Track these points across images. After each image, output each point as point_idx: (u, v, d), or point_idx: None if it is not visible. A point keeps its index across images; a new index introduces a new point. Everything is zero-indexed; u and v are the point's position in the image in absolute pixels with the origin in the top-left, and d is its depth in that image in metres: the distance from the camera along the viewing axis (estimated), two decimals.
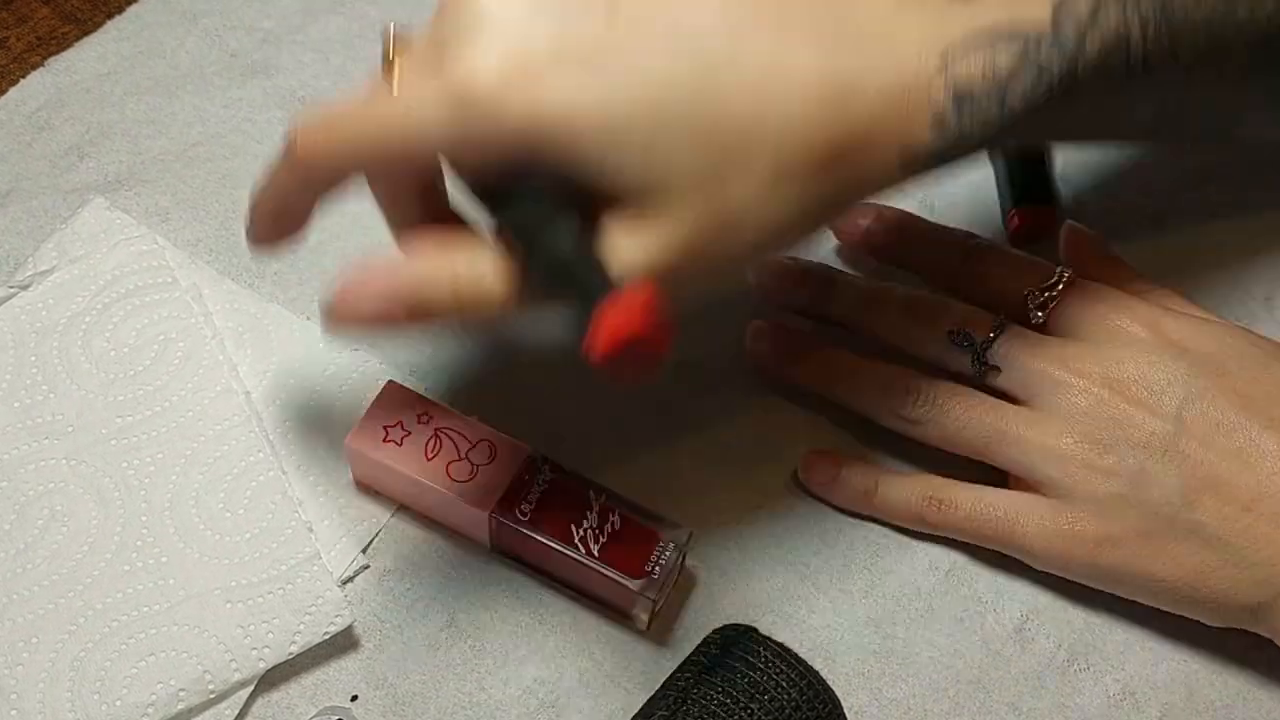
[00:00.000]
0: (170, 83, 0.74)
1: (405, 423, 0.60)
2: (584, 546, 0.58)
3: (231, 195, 0.71)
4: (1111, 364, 0.60)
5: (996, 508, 0.61)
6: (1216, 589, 0.57)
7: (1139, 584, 0.59)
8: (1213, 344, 0.60)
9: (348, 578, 0.61)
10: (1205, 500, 0.57)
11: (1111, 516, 0.58)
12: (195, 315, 0.66)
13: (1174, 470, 0.58)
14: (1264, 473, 0.57)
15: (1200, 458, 0.58)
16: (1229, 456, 0.57)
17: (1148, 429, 0.58)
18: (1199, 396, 0.58)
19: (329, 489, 0.63)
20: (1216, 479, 0.57)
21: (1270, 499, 0.57)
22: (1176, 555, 0.58)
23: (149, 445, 0.62)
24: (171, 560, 0.59)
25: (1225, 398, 0.58)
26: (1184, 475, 0.58)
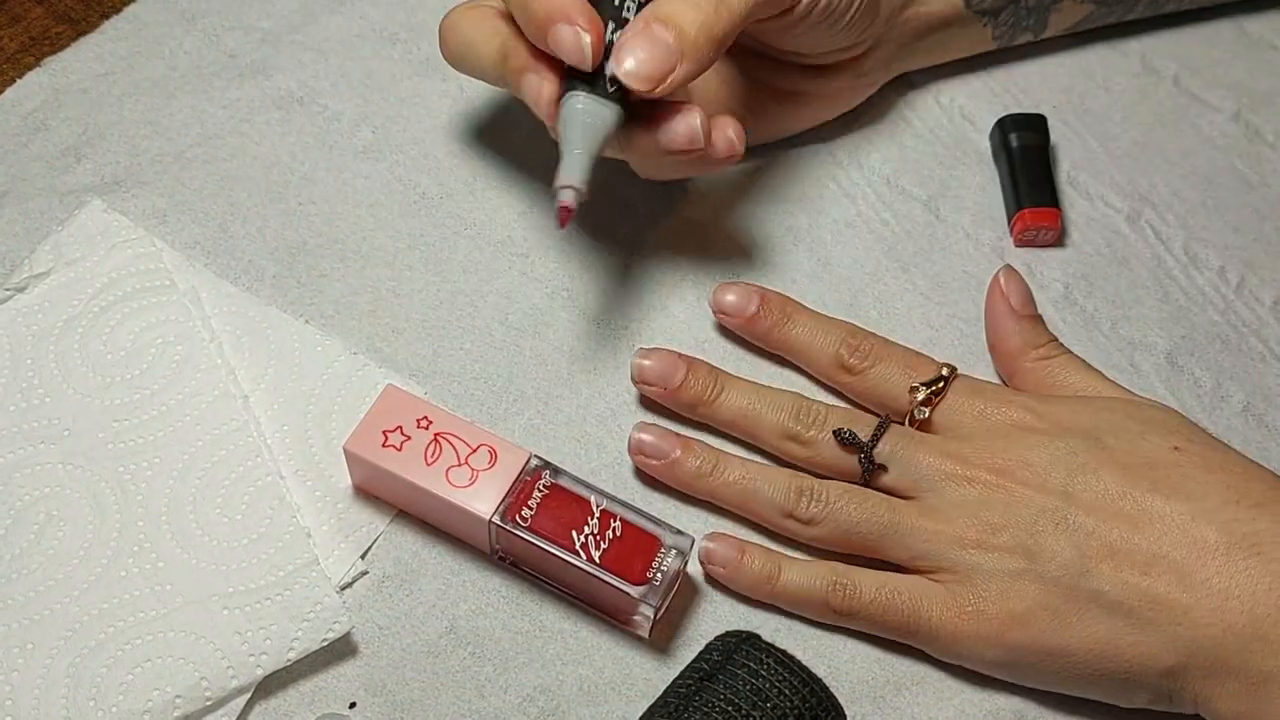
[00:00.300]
0: (168, 83, 0.74)
1: (404, 427, 0.60)
2: (585, 553, 0.58)
3: (229, 197, 0.71)
4: (996, 453, 0.61)
5: (901, 593, 0.61)
6: (1129, 657, 0.57)
7: (1052, 663, 0.59)
8: (1089, 421, 0.62)
9: (346, 584, 0.61)
10: (1103, 568, 0.58)
11: (1013, 594, 0.59)
12: (193, 319, 0.66)
13: (1067, 541, 0.59)
14: (1154, 536, 0.58)
15: (1091, 527, 0.59)
16: (1119, 522, 0.58)
17: (1037, 505, 0.60)
18: (1081, 470, 0.60)
19: (327, 494, 0.63)
20: (1111, 546, 0.58)
21: (1164, 560, 0.57)
22: (1083, 626, 0.58)
23: (146, 450, 0.62)
24: (168, 566, 0.59)
25: (1107, 470, 0.60)
26: (1078, 545, 0.58)
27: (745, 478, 0.63)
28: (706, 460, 0.63)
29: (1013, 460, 0.61)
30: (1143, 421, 0.62)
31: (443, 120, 0.75)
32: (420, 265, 0.70)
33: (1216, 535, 0.57)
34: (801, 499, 0.62)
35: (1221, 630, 0.56)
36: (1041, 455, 0.61)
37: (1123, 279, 0.72)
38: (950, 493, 0.61)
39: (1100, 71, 0.79)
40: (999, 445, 0.62)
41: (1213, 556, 0.57)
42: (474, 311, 0.69)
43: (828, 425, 0.63)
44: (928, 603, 0.60)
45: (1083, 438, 0.61)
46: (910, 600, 0.60)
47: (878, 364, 0.65)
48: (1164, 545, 0.58)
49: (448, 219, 0.71)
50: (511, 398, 0.67)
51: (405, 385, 0.65)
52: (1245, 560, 0.56)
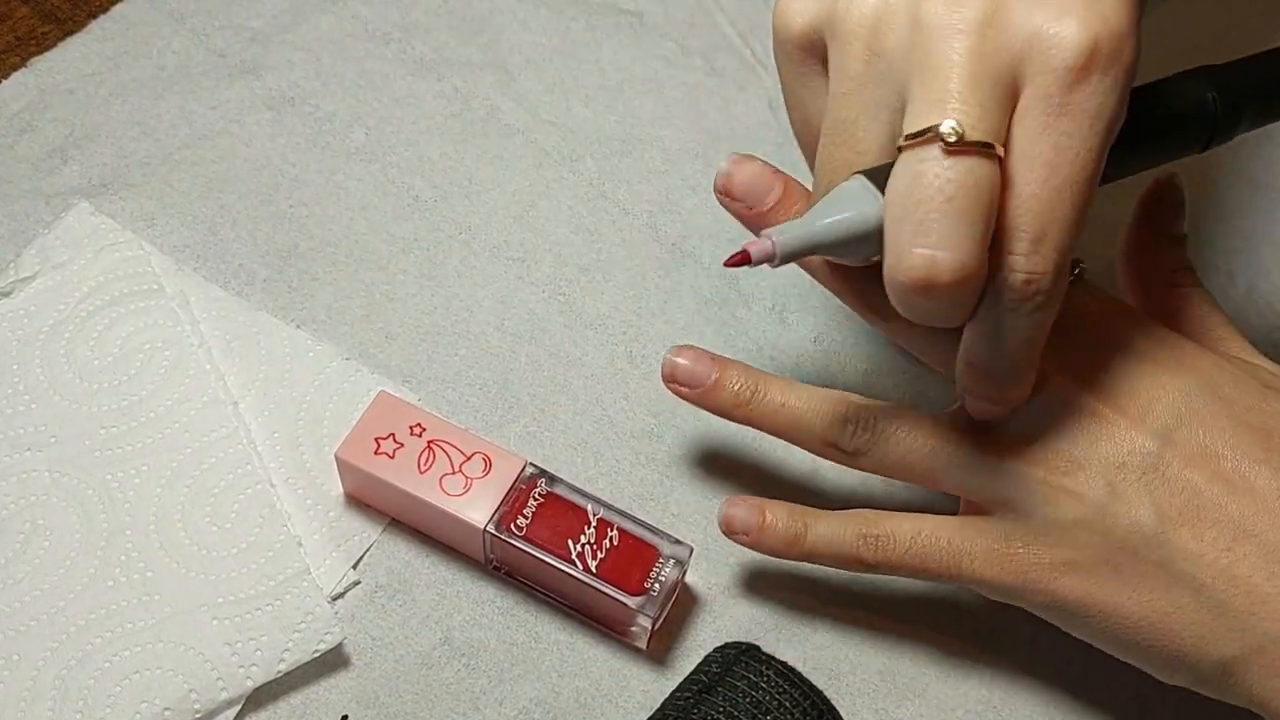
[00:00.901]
0: (156, 84, 0.74)
1: (398, 435, 0.61)
2: (581, 562, 0.59)
3: (219, 199, 0.71)
4: (1096, 365, 0.55)
5: (939, 538, 0.57)
6: (1186, 635, 0.53)
7: (1101, 621, 0.54)
8: (1211, 367, 0.56)
9: (338, 594, 0.61)
10: (1181, 533, 0.53)
11: (1071, 542, 0.54)
12: (182, 323, 0.66)
13: (1148, 495, 0.53)
14: (1249, 508, 0.52)
15: (1183, 483, 0.53)
16: (1215, 485, 0.53)
17: (1129, 444, 0.54)
18: (1191, 417, 0.54)
19: (319, 502, 0.63)
20: (1197, 509, 0.53)
21: (1254, 539, 0.52)
22: (1145, 592, 0.53)
23: (134, 457, 0.62)
24: (157, 575, 0.60)
25: (1219, 423, 0.54)
26: (1159, 502, 0.53)
27: (787, 405, 0.59)
28: (746, 385, 0.59)
29: (1114, 381, 0.55)
30: (1267, 384, 0.56)
31: (437, 121, 0.75)
32: (414, 269, 0.70)
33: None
34: (847, 427, 0.57)
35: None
36: (1150, 386, 0.55)
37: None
38: (1029, 406, 0.55)
39: None
40: (1103, 358, 0.55)
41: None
42: (469, 317, 0.69)
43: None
44: (971, 547, 0.56)
45: (1202, 382, 0.55)
46: (950, 547, 0.56)
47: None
48: (1257, 522, 0.52)
49: (442, 222, 0.72)
50: (507, 404, 0.67)
51: (398, 392, 0.66)
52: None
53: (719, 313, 0.70)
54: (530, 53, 0.79)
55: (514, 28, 0.80)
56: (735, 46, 0.80)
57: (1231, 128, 0.55)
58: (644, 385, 0.68)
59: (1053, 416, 0.55)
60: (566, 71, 0.79)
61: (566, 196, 0.73)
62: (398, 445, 0.60)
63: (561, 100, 0.77)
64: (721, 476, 0.66)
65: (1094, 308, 0.57)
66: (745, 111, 0.77)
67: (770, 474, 0.66)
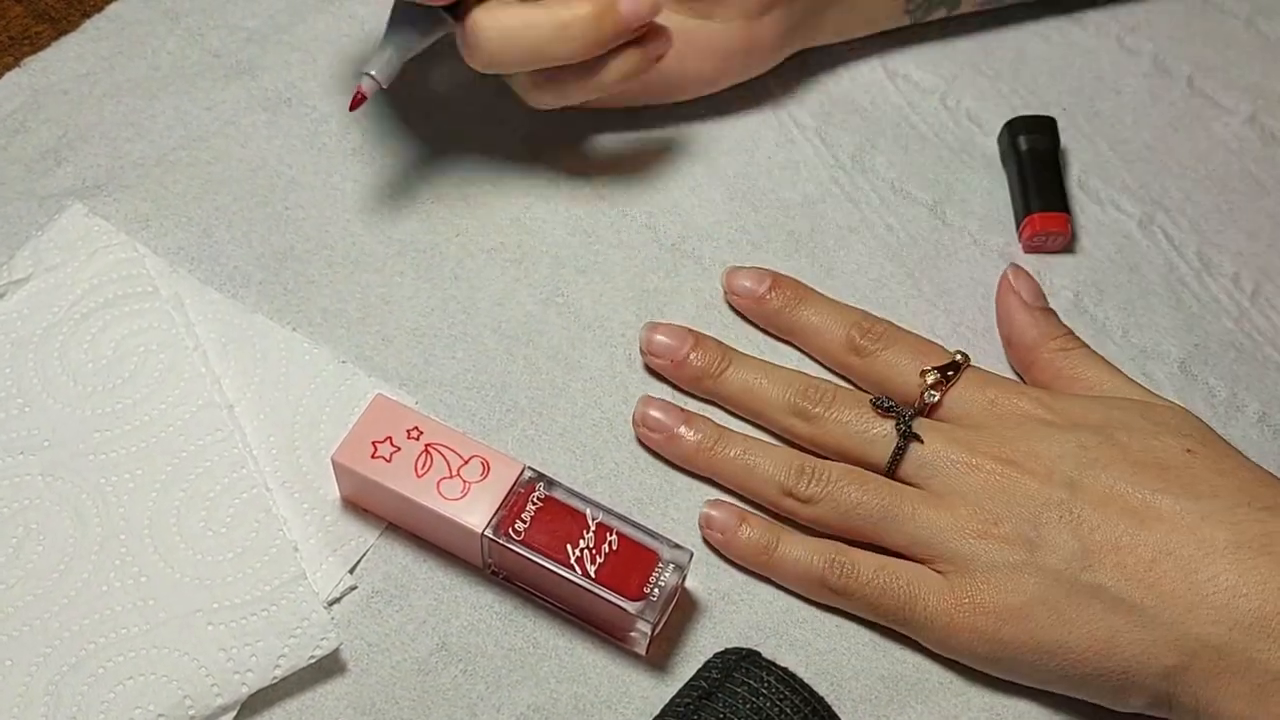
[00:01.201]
0: (151, 84, 0.74)
1: (394, 438, 0.61)
2: (580, 567, 0.59)
3: (214, 201, 0.71)
4: (1005, 442, 0.62)
5: (899, 577, 0.61)
6: (1128, 655, 0.57)
7: (1047, 660, 0.59)
8: (1101, 417, 0.62)
9: (334, 599, 0.62)
10: (1105, 562, 0.58)
11: (1011, 587, 0.59)
12: (176, 326, 0.66)
13: (1069, 534, 0.59)
14: (1161, 533, 0.58)
15: (1096, 522, 0.59)
16: (1126, 518, 0.59)
17: (1041, 497, 0.60)
18: (1091, 465, 0.60)
19: (315, 507, 0.63)
20: (1116, 541, 0.58)
21: (1171, 556, 0.57)
22: (1083, 622, 0.58)
23: (128, 461, 0.62)
24: (151, 580, 0.60)
25: (1117, 466, 0.60)
26: (1081, 539, 0.59)
27: (746, 453, 0.64)
28: (709, 435, 0.65)
29: (1021, 451, 0.61)
30: (1157, 422, 0.62)
31: (434, 123, 0.75)
32: (410, 272, 0.70)
33: (1226, 534, 0.57)
34: (802, 477, 0.63)
35: (1228, 628, 0.56)
36: (1051, 447, 0.61)
37: (1134, 286, 0.73)
38: (954, 480, 0.62)
39: (1111, 73, 0.79)
40: (1008, 435, 0.62)
41: (1221, 554, 0.57)
42: (466, 319, 0.69)
43: (835, 404, 0.64)
44: (925, 590, 0.61)
45: (1094, 432, 0.61)
46: (908, 586, 0.61)
47: (889, 348, 0.66)
48: (1171, 542, 0.58)
49: (439, 224, 0.72)
50: (505, 408, 0.67)
51: (395, 395, 0.66)
52: (1255, 558, 0.57)
53: (719, 315, 0.70)
54: None
55: None
56: None
57: None
58: (644, 388, 0.68)
59: (976, 489, 0.61)
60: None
61: (564, 198, 0.73)
62: (395, 449, 0.60)
63: None
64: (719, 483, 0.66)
65: (990, 393, 0.64)
66: (746, 111, 0.77)
67: None
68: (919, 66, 0.78)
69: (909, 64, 0.79)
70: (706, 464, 0.65)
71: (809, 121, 0.77)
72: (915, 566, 0.62)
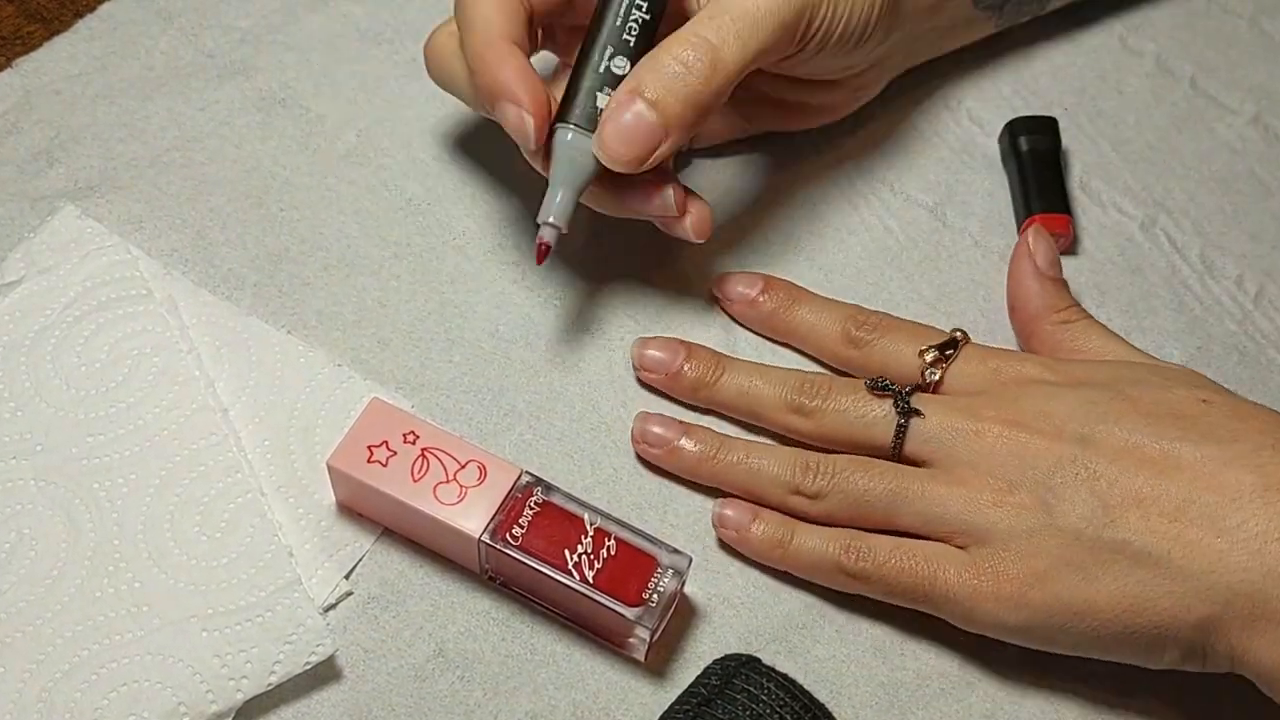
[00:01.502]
0: (144, 85, 0.75)
1: (390, 442, 0.61)
2: (578, 573, 0.59)
3: (208, 203, 0.71)
4: (1008, 405, 0.62)
5: (917, 556, 0.61)
6: (1160, 609, 0.56)
7: (1077, 623, 0.58)
8: (1108, 375, 0.62)
9: (330, 605, 0.62)
10: (1129, 516, 0.57)
11: (1033, 551, 0.58)
12: (170, 329, 0.66)
13: (1086, 491, 0.58)
14: (1184, 481, 0.57)
15: (1114, 476, 0.58)
16: (1145, 469, 0.58)
17: (1054, 455, 0.59)
18: (1102, 419, 0.59)
19: (310, 512, 0.63)
20: (1137, 494, 0.58)
21: (1196, 505, 0.57)
22: (1110, 579, 0.57)
23: (121, 465, 0.63)
24: (145, 586, 0.60)
25: (1130, 419, 0.59)
26: (1099, 494, 0.58)
27: (750, 457, 0.64)
28: (710, 444, 0.65)
29: (1027, 412, 0.61)
30: (1167, 377, 0.62)
31: (430, 123, 0.75)
32: (407, 274, 0.70)
33: (1252, 478, 0.56)
34: (808, 474, 0.63)
35: (1261, 574, 0.55)
36: (1058, 405, 0.61)
37: (1136, 288, 0.73)
38: (961, 451, 0.61)
39: (1113, 73, 0.79)
40: (1012, 397, 0.62)
41: (1249, 499, 0.56)
42: (463, 322, 0.69)
43: (831, 394, 0.64)
44: (945, 565, 0.60)
45: (1103, 389, 0.61)
46: (927, 563, 0.60)
47: (885, 335, 0.66)
48: (1195, 490, 0.57)
49: (435, 226, 0.72)
50: (502, 411, 0.67)
51: (391, 398, 0.66)
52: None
53: (718, 318, 0.70)
54: None
55: None
56: None
57: None
58: (642, 392, 0.68)
59: (984, 455, 0.61)
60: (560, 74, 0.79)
61: None
62: (391, 453, 0.61)
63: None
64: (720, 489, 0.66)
65: (992, 364, 0.65)
66: None
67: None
68: (919, 66, 0.78)
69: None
70: (710, 474, 0.65)
71: None
72: (933, 544, 0.61)
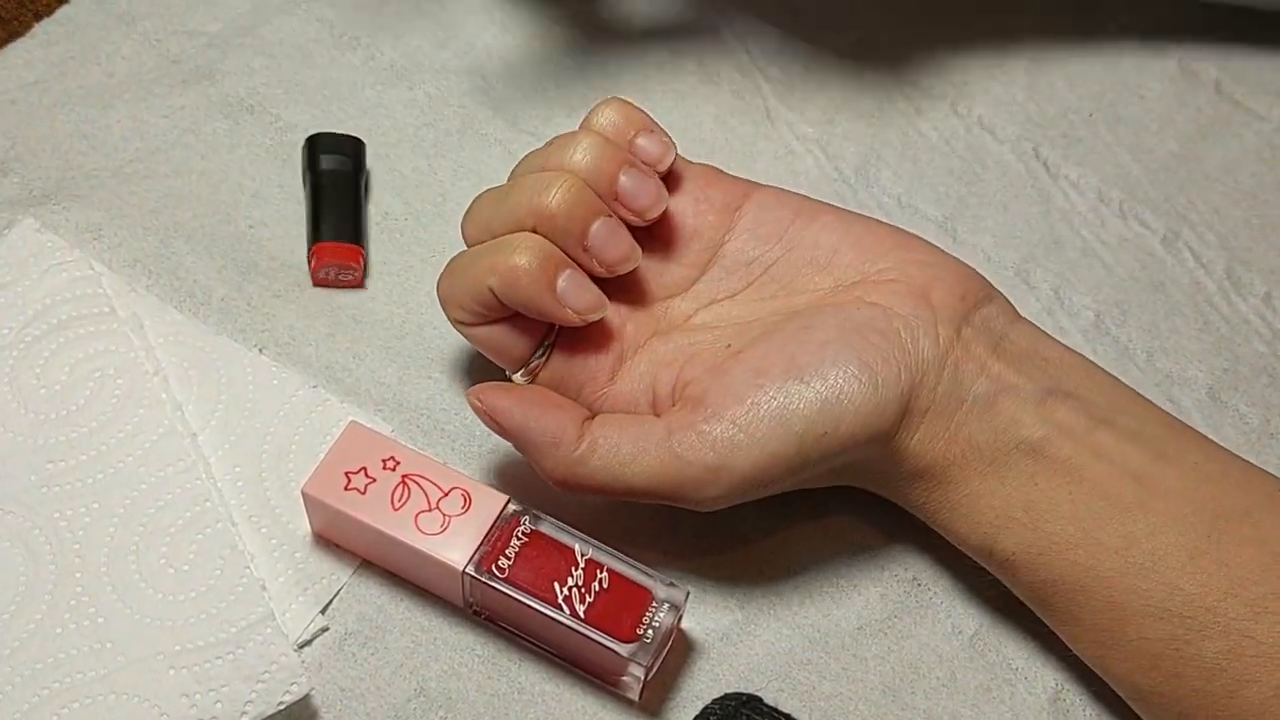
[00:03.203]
0: (105, 92, 0.75)
1: (369, 468, 0.61)
2: (569, 607, 0.59)
3: (173, 215, 0.72)
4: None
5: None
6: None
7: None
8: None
9: (305, 641, 0.62)
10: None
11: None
12: (135, 349, 0.67)
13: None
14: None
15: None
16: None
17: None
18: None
19: (284, 542, 0.64)
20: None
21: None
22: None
23: (83, 493, 0.63)
24: (109, 621, 0.60)
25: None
26: None
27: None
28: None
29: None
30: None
31: (409, 133, 0.76)
32: (384, 292, 0.71)
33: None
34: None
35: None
36: None
37: (1159, 306, 0.74)
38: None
39: (1134, 76, 0.80)
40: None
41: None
42: (443, 341, 0.70)
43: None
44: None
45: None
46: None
47: None
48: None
49: (414, 243, 0.73)
50: (487, 434, 0.67)
51: (370, 421, 0.66)
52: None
53: None
54: (509, 57, 0.80)
55: (492, 30, 0.81)
56: (731, 50, 0.81)
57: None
58: None
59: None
60: (549, 78, 0.80)
61: None
62: (369, 480, 0.61)
63: (542, 109, 0.79)
64: (720, 513, 0.65)
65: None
66: (742, 121, 0.78)
67: (773, 515, 0.66)
68: (926, 71, 0.79)
69: (915, 68, 0.80)
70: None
71: (809, 131, 0.78)
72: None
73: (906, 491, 0.63)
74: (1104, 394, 0.62)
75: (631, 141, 0.64)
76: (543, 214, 0.61)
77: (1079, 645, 0.61)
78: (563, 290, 0.61)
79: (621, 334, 0.64)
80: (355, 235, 0.71)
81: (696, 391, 0.61)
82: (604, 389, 0.64)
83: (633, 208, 0.63)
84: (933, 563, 0.66)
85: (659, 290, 0.66)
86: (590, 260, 0.62)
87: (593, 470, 0.60)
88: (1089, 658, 0.61)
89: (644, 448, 0.60)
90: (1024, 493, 0.60)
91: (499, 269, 0.60)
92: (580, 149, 0.62)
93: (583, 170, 0.62)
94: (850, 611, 0.65)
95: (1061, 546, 0.59)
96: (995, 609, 0.65)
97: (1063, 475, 0.59)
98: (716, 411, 0.59)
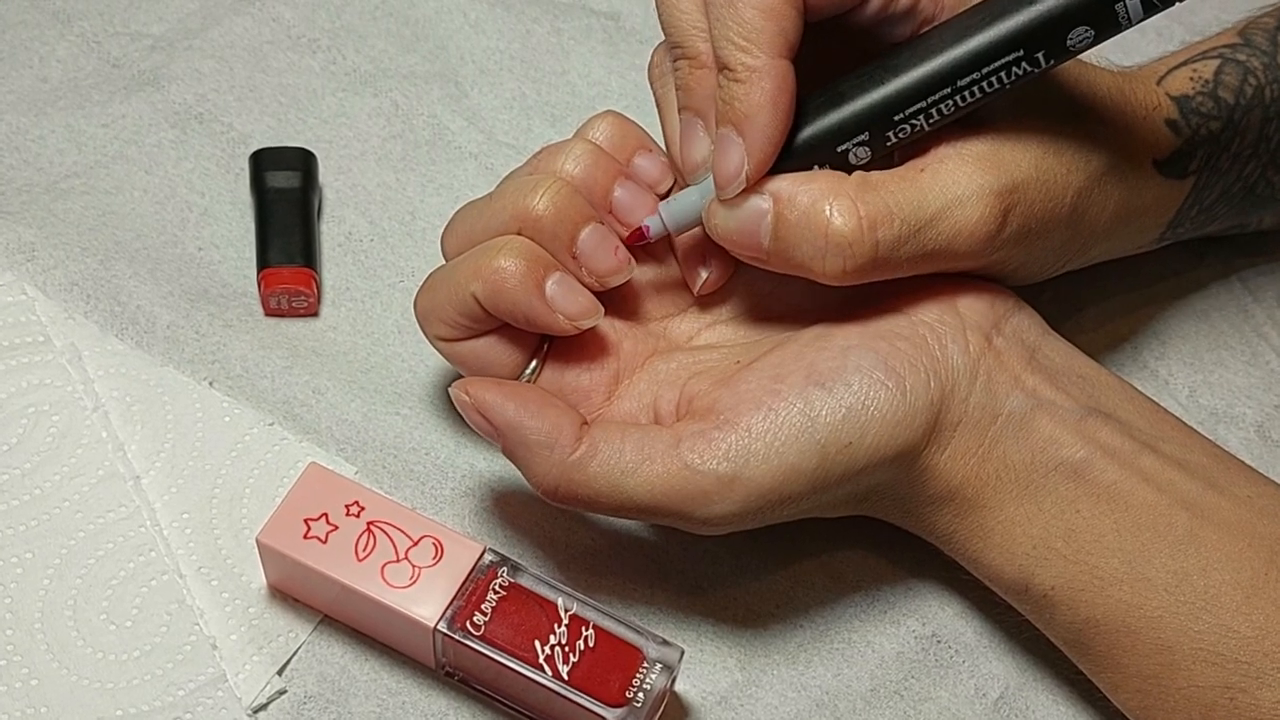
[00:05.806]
0: (37, 98, 0.76)
1: (330, 515, 0.61)
2: (551, 667, 0.59)
3: (113, 235, 0.72)
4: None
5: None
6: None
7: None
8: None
9: (260, 705, 0.62)
10: None
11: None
12: (73, 382, 0.67)
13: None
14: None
15: None
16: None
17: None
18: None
19: (237, 596, 0.64)
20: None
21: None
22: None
23: (16, 542, 0.63)
24: (42, 684, 0.60)
25: None
26: None
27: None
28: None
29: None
30: None
31: (374, 144, 0.77)
32: (347, 321, 0.71)
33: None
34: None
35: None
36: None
37: (1203, 338, 0.74)
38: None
39: None
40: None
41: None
42: (412, 376, 0.70)
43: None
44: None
45: None
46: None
47: None
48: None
49: (380, 266, 0.73)
50: (459, 475, 0.68)
51: (331, 463, 0.67)
52: None
53: None
54: (484, 62, 0.81)
55: (465, 32, 0.82)
56: None
57: None
58: None
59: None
60: (528, 84, 0.81)
61: None
62: (331, 527, 0.61)
63: (521, 119, 0.79)
64: (715, 562, 0.67)
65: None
66: None
67: (774, 563, 0.67)
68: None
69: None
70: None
71: None
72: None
73: (933, 519, 0.63)
74: (1145, 418, 0.62)
75: (628, 159, 0.64)
76: (528, 217, 0.61)
77: (1121, 695, 0.61)
78: (552, 294, 0.61)
79: (618, 350, 0.65)
80: (307, 258, 0.71)
81: (706, 403, 0.61)
82: (600, 409, 0.64)
83: (627, 223, 0.63)
84: (954, 614, 0.67)
85: (657, 309, 0.67)
86: (579, 270, 0.62)
87: (590, 477, 0.59)
88: (1132, 709, 0.61)
89: (649, 455, 0.59)
90: (1064, 520, 0.60)
91: (483, 273, 0.60)
92: (572, 157, 0.63)
93: (574, 178, 0.63)
94: (863, 671, 0.65)
95: (1105, 582, 0.59)
96: (1023, 665, 0.65)
97: (1107, 502, 0.60)
98: (730, 419, 0.60)
